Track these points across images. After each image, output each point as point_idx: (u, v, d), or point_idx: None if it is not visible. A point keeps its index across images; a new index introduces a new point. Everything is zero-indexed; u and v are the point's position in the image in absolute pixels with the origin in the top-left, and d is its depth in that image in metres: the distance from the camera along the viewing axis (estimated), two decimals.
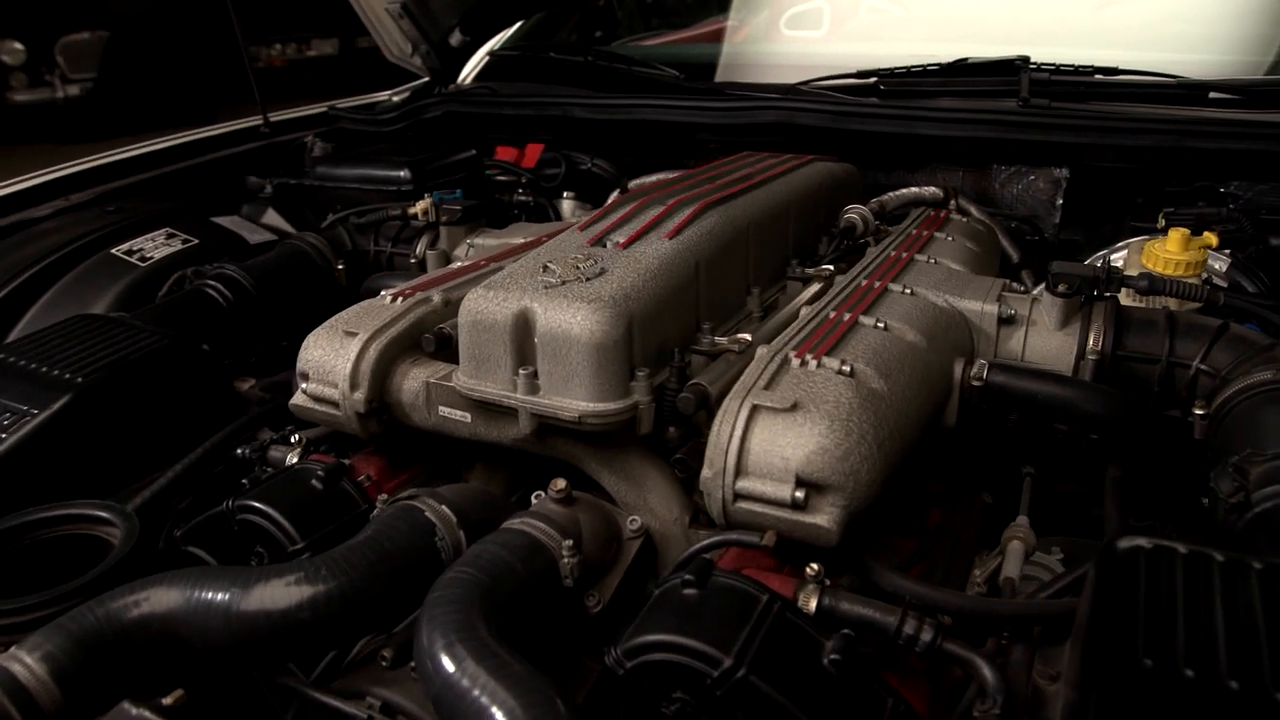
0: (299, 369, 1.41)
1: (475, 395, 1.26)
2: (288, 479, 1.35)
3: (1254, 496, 1.08)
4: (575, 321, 1.17)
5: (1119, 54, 2.24)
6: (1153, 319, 1.44)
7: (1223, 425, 1.28)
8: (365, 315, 1.44)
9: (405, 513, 1.18)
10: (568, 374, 1.19)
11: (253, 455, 1.49)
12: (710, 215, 1.48)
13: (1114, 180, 2.23)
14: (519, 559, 1.10)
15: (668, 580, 1.11)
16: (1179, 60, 2.22)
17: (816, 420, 1.09)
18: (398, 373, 1.37)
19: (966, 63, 2.33)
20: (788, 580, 1.13)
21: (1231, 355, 1.36)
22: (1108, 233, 2.26)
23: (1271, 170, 2.02)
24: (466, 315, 1.25)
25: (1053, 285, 1.47)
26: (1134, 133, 2.02)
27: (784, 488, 1.08)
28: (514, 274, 1.29)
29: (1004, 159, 2.29)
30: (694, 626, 1.01)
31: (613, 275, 1.27)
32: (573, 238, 1.43)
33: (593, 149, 2.77)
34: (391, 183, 2.34)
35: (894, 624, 1.06)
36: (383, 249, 2.14)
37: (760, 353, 1.23)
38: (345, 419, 1.36)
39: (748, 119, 2.37)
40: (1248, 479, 1.10)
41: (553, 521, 1.16)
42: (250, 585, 1.04)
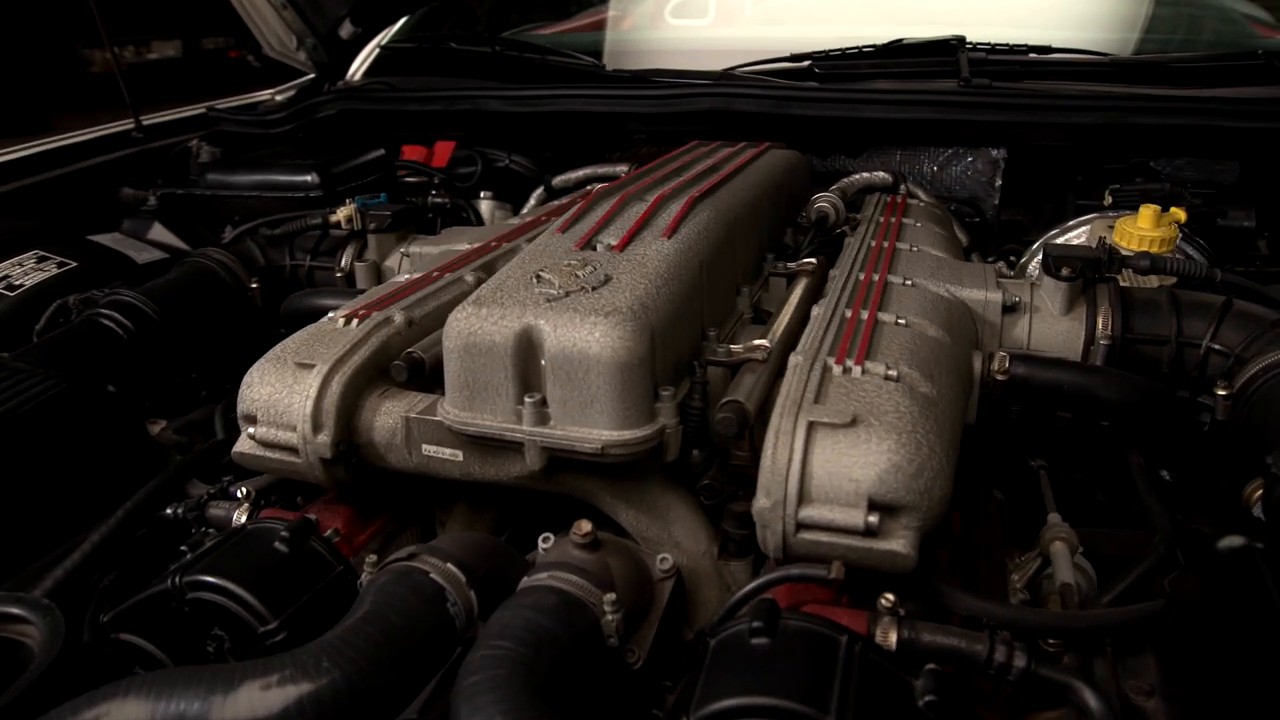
0: (242, 411, 1.20)
1: (471, 430, 1.08)
2: (243, 543, 1.13)
3: None
4: (594, 339, 1.02)
5: (996, 31, 2.24)
6: (1156, 299, 1.41)
7: (1250, 404, 1.25)
8: (317, 343, 1.23)
9: (406, 577, 1.00)
10: (585, 400, 1.03)
11: (188, 515, 1.26)
12: (701, 210, 1.35)
13: (1052, 159, 2.23)
14: (557, 622, 0.94)
15: (726, 627, 0.97)
16: (1055, 37, 2.24)
17: (883, 435, 0.98)
18: (366, 408, 1.18)
19: (902, 44, 2.28)
20: (855, 614, 1.01)
21: (1242, 333, 1.33)
22: (1049, 212, 2.26)
23: (1203, 144, 2.06)
24: (456, 338, 1.07)
25: (1055, 269, 1.41)
26: (1077, 110, 2.02)
27: (855, 513, 0.96)
28: (505, 287, 1.12)
29: (944, 140, 2.26)
30: (778, 683, 0.88)
31: (621, 282, 1.11)
32: (555, 241, 1.27)
33: (509, 144, 2.59)
34: (297, 189, 2.09)
35: (983, 652, 0.96)
36: (300, 263, 1.90)
37: (794, 361, 1.11)
38: (306, 466, 1.16)
39: (682, 107, 2.24)
40: None
41: (585, 572, 1.00)
42: (234, 688, 0.84)
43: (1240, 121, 1.95)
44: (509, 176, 2.57)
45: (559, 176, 2.47)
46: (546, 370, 1.05)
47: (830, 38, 2.58)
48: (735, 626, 0.97)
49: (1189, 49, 2.54)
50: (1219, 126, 1.95)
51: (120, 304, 1.57)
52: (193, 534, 1.25)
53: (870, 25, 2.59)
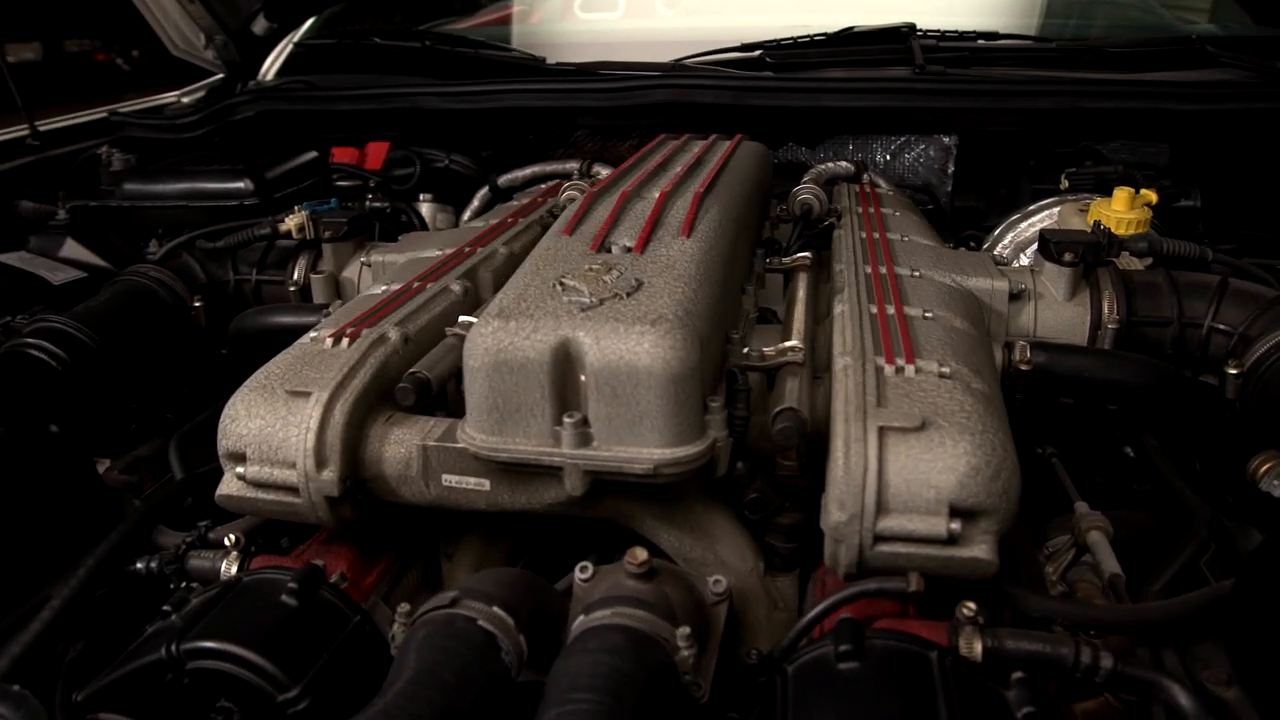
0: (227, 449, 1.06)
1: (502, 456, 0.98)
2: (243, 599, 1.00)
3: None
4: (643, 350, 0.93)
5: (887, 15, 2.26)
6: (1155, 281, 1.41)
7: (1262, 382, 1.26)
8: (306, 367, 1.11)
9: (451, 627, 0.89)
10: (633, 416, 0.95)
11: (164, 569, 1.11)
12: (711, 207, 1.28)
13: (1003, 144, 2.25)
14: (632, 664, 0.86)
15: (804, 652, 0.91)
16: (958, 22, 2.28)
17: (957, 437, 0.93)
18: (373, 438, 1.06)
19: (853, 31, 2.26)
20: (930, 625, 0.96)
21: (1243, 311, 1.35)
22: (1003, 197, 2.29)
23: (1149, 127, 2.11)
24: (483, 355, 0.96)
25: (1056, 255, 1.40)
26: (1032, 95, 2.04)
27: (936, 521, 0.91)
28: (527, 297, 1.02)
29: (899, 128, 2.25)
30: (881, 711, 0.82)
31: (656, 287, 1.03)
32: (565, 244, 1.17)
33: (447, 143, 2.46)
34: (229, 196, 1.92)
35: (1070, 655, 0.92)
36: (246, 277, 1.73)
37: (844, 362, 1.05)
38: (308, 507, 1.03)
39: (636, 99, 2.17)
40: None
41: (648, 604, 0.92)
42: None
43: (1184, 104, 2.01)
44: (449, 177, 2.44)
45: (504, 176, 2.36)
46: (588, 386, 0.95)
47: (741, 26, 2.58)
48: (815, 651, 0.91)
49: (1086, 32, 2.62)
50: (1165, 109, 2.00)
51: (49, 331, 1.39)
52: (172, 590, 1.11)
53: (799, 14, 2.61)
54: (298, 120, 2.45)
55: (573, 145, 2.50)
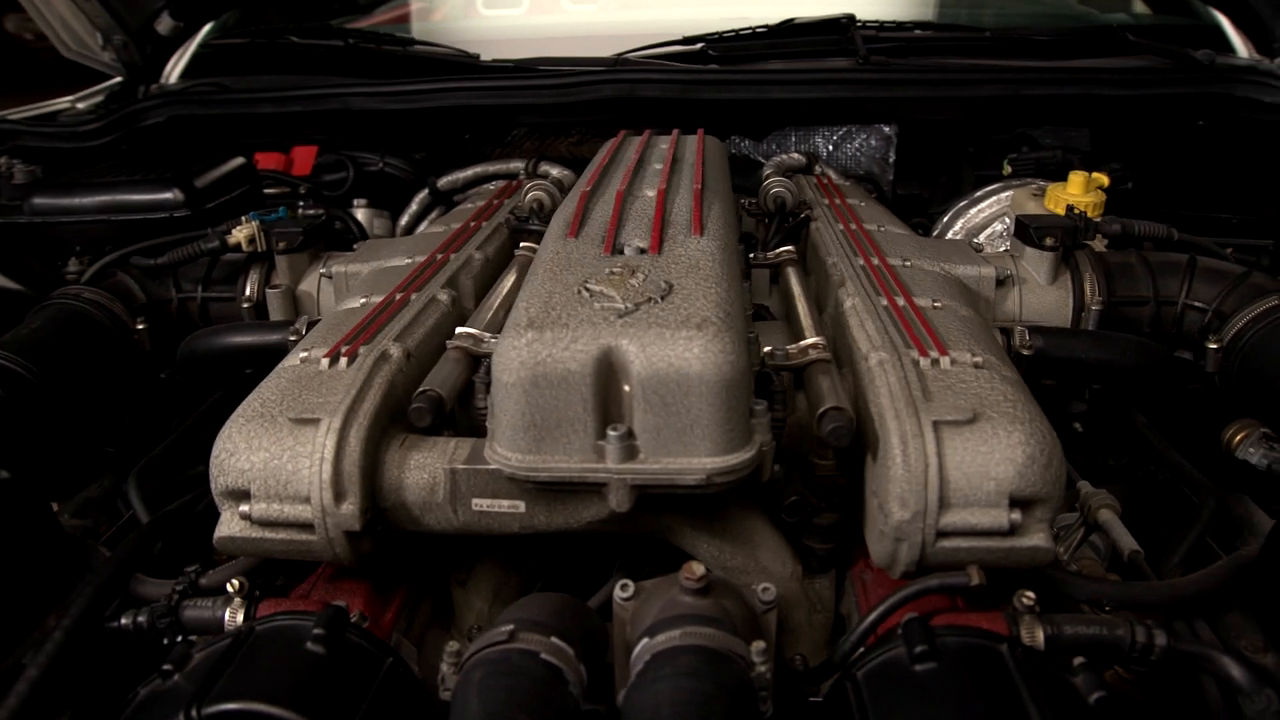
0: (225, 487, 0.96)
1: (542, 476, 0.92)
2: (261, 650, 0.90)
3: None
4: (693, 355, 0.89)
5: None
6: (1129, 262, 1.46)
7: (1243, 355, 1.31)
8: (305, 391, 1.02)
9: (511, 664, 0.83)
10: (683, 426, 0.90)
11: (156, 623, 1.00)
12: (712, 203, 1.24)
13: (943, 132, 2.30)
14: (712, 684, 0.81)
15: (873, 656, 0.89)
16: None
17: (1009, 428, 0.92)
18: (390, 464, 0.98)
19: (794, 23, 2.27)
20: (987, 617, 0.96)
21: (1214, 288, 1.41)
22: (944, 184, 2.34)
23: (1082, 112, 2.19)
24: (519, 370, 0.90)
25: (1037, 239, 1.43)
26: (976, 84, 2.08)
27: (998, 513, 0.90)
28: (555, 305, 0.96)
29: (844, 118, 2.26)
30: (973, 711, 0.80)
31: (689, 289, 0.99)
32: (574, 247, 1.11)
33: (378, 146, 2.34)
34: (156, 208, 1.77)
35: (1126, 637, 0.94)
36: (191, 295, 1.60)
37: (879, 358, 1.03)
38: (324, 543, 0.95)
39: (583, 95, 2.11)
40: None
41: (714, 621, 0.88)
42: None
43: (1113, 90, 2.09)
44: (383, 181, 2.33)
45: (444, 178, 2.27)
46: (634, 397, 0.90)
47: (648, 20, 2.58)
48: (885, 653, 0.89)
49: (978, 20, 2.70)
50: (1096, 95, 2.08)
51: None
52: (166, 645, 1.00)
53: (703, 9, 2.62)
54: (214, 125, 2.29)
55: (510, 144, 2.43)
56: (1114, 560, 1.22)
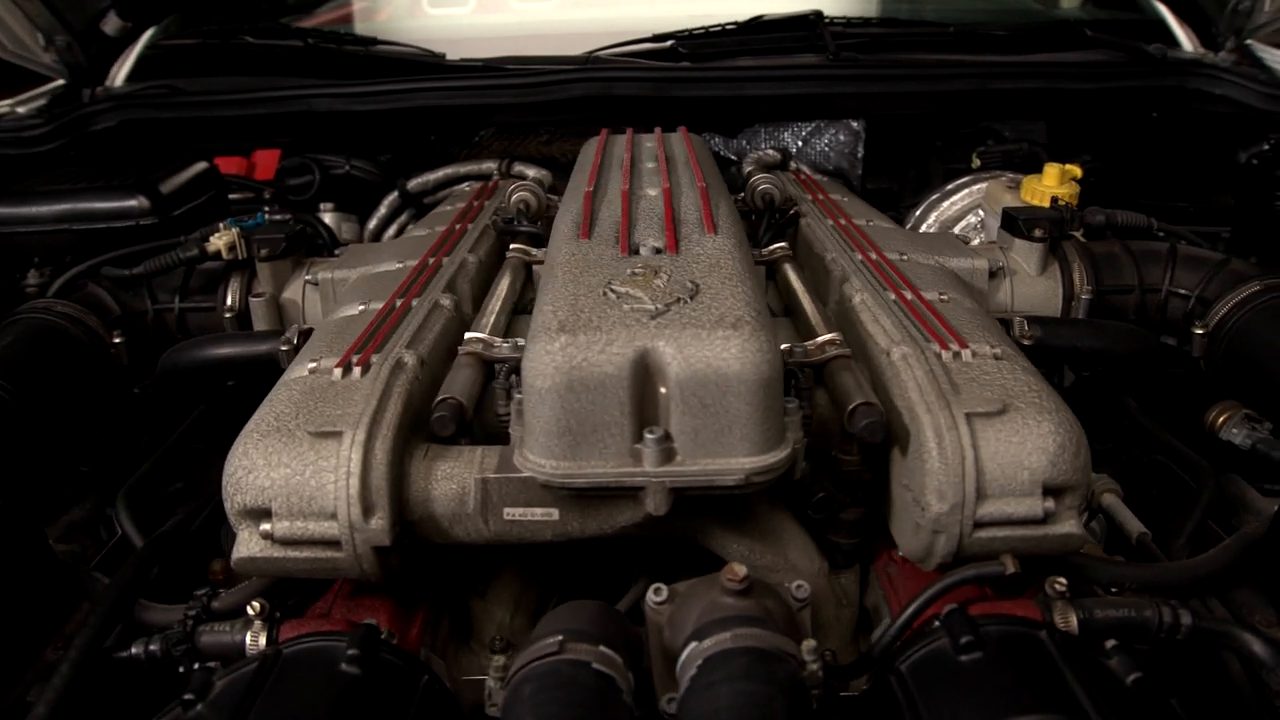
0: (245, 505, 0.92)
1: (579, 482, 0.90)
2: (291, 675, 0.87)
3: None
4: (731, 355, 0.88)
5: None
6: (1113, 251, 1.49)
7: (1229, 338, 1.36)
8: (320, 403, 0.98)
9: (561, 675, 0.81)
10: (721, 426, 0.90)
11: (171, 650, 0.96)
12: (719, 202, 1.24)
13: (910, 126, 2.33)
14: (768, 685, 0.81)
15: (915, 649, 0.90)
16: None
17: (1039, 417, 0.93)
18: (416, 476, 0.96)
19: (763, 20, 2.27)
20: (1020, 604, 0.97)
21: (1195, 274, 1.45)
22: (913, 178, 2.37)
23: (1041, 106, 2.24)
24: (553, 375, 0.88)
25: (1026, 231, 1.46)
26: (945, 78, 2.11)
27: (1032, 502, 0.91)
28: (582, 308, 0.94)
29: (816, 114, 2.28)
30: (1029, 699, 0.81)
31: (715, 288, 0.98)
32: (589, 248, 1.10)
33: (344, 148, 2.29)
34: (121, 216, 1.69)
35: (1154, 618, 0.96)
36: (167, 306, 1.53)
37: (901, 352, 1.04)
38: (351, 560, 0.92)
39: (557, 94, 2.08)
40: None
41: (761, 621, 0.87)
42: None
43: (1075, 83, 2.15)
44: (350, 184, 2.27)
45: (414, 180, 2.23)
46: (670, 399, 0.89)
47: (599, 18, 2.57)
48: (928, 646, 0.90)
49: (919, 15, 2.74)
50: (1059, 89, 2.13)
51: None
52: (183, 673, 0.96)
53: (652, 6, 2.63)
54: (169, 129, 2.20)
55: (477, 145, 2.39)
56: (1110, 542, 1.25)
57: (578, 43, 2.30)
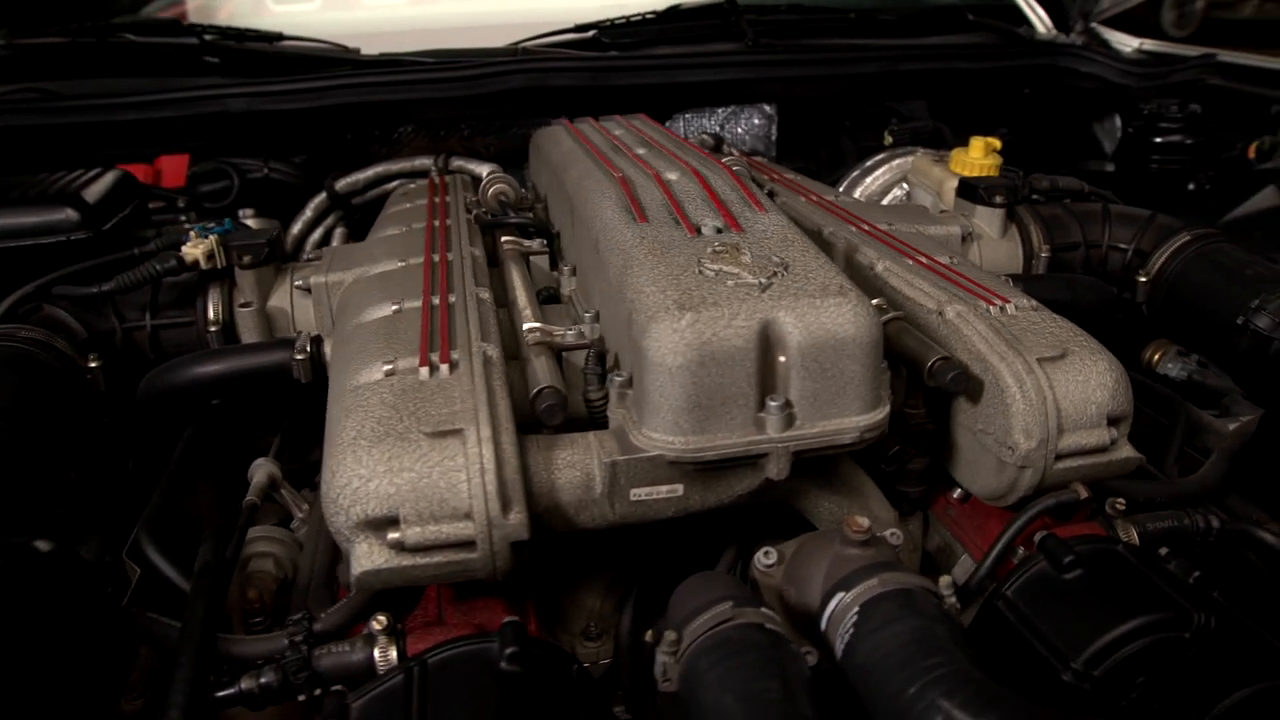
0: (366, 516, 0.88)
1: (709, 455, 0.93)
2: (448, 683, 0.85)
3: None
4: (845, 320, 0.93)
5: None
6: (1058, 213, 1.66)
7: (1168, 284, 1.54)
8: (419, 403, 0.95)
9: (750, 638, 0.84)
10: (836, 389, 0.95)
11: (290, 678, 0.91)
12: (744, 178, 1.28)
13: (816, 108, 2.45)
14: (931, 619, 0.87)
15: (1019, 574, 0.99)
16: None
17: (1094, 358, 1.05)
18: (537, 467, 0.95)
19: (679, 9, 2.33)
20: (1085, 526, 1.08)
21: (1129, 230, 1.63)
22: (825, 157, 2.50)
23: (940, 85, 2.42)
24: (685, 351, 0.90)
25: (988, 198, 1.59)
26: (858, 61, 2.25)
27: (1100, 433, 1.02)
28: (689, 286, 0.96)
29: (738, 99, 2.36)
30: (1135, 604, 0.92)
31: (802, 260, 1.03)
32: (656, 231, 1.10)
33: (260, 151, 2.15)
34: (51, 231, 1.53)
35: (1192, 525, 1.10)
36: (137, 324, 1.40)
37: (956, 309, 1.12)
38: (485, 559, 0.90)
39: (493, 87, 2.05)
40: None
41: (896, 566, 0.93)
42: None
43: (968, 63, 2.34)
44: (268, 187, 2.14)
45: (343, 180, 2.13)
46: (790, 366, 0.93)
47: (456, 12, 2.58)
48: (1029, 570, 0.99)
49: None
50: (956, 69, 2.32)
51: None
52: (303, 700, 0.91)
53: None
54: (49, 136, 2.00)
55: (398, 142, 2.31)
56: None
57: (447, 39, 2.27)
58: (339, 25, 3.07)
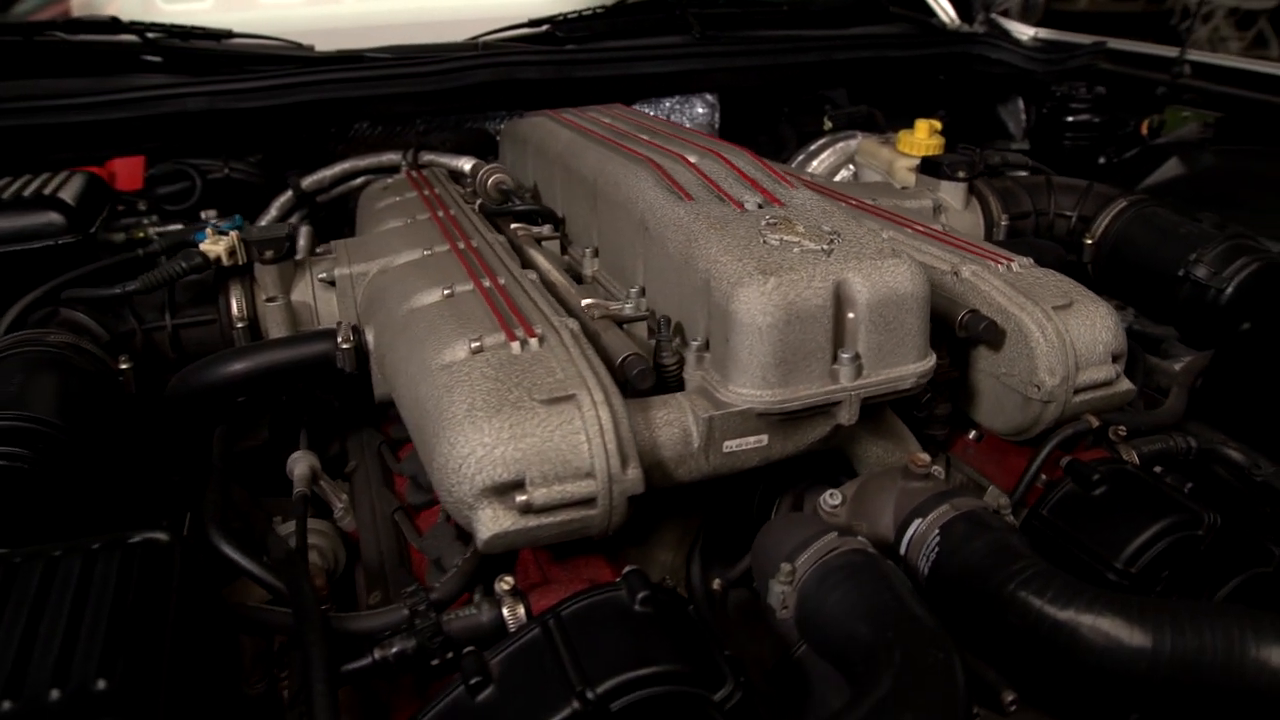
0: (494, 481, 0.93)
1: (793, 405, 1.02)
2: (586, 629, 0.90)
3: (1225, 273, 1.54)
4: (905, 279, 1.04)
5: None
6: (1009, 185, 1.83)
7: (1111, 246, 1.74)
8: (523, 375, 1.01)
9: (861, 561, 0.95)
10: (898, 340, 1.06)
11: (426, 644, 0.95)
12: (773, 163, 1.38)
13: (754, 97, 2.59)
14: (1005, 532, 1.01)
15: (1052, 495, 1.13)
16: None
17: (1095, 305, 1.20)
18: (639, 426, 1.02)
19: (626, 4, 2.41)
20: (1094, 451, 1.24)
21: (1071, 197, 1.82)
22: (764, 143, 2.63)
23: (869, 73, 2.60)
24: (773, 311, 0.99)
25: (951, 173, 1.75)
26: (798, 51, 2.39)
27: (1107, 369, 1.18)
28: (760, 255, 1.05)
29: (689, 88, 2.46)
30: (1157, 511, 1.07)
31: (849, 228, 1.13)
32: (708, 208, 1.18)
33: (218, 151, 2.11)
34: (37, 235, 1.49)
35: (1177, 446, 1.27)
36: (157, 325, 1.38)
37: (970, 269, 1.25)
38: (603, 515, 0.97)
39: (460, 81, 2.08)
40: (1217, 263, 1.55)
41: (960, 493, 1.06)
42: None
43: (894, 52, 2.52)
44: (229, 188, 2.10)
45: (309, 177, 2.11)
46: (859, 321, 1.04)
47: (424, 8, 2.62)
48: (1060, 491, 1.13)
49: None
50: (888, 57, 2.49)
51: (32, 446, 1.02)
52: (438, 662, 0.95)
53: None
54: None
55: (354, 139, 2.31)
56: None
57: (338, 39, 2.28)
58: (232, 24, 3.01)
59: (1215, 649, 0.83)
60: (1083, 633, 0.87)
